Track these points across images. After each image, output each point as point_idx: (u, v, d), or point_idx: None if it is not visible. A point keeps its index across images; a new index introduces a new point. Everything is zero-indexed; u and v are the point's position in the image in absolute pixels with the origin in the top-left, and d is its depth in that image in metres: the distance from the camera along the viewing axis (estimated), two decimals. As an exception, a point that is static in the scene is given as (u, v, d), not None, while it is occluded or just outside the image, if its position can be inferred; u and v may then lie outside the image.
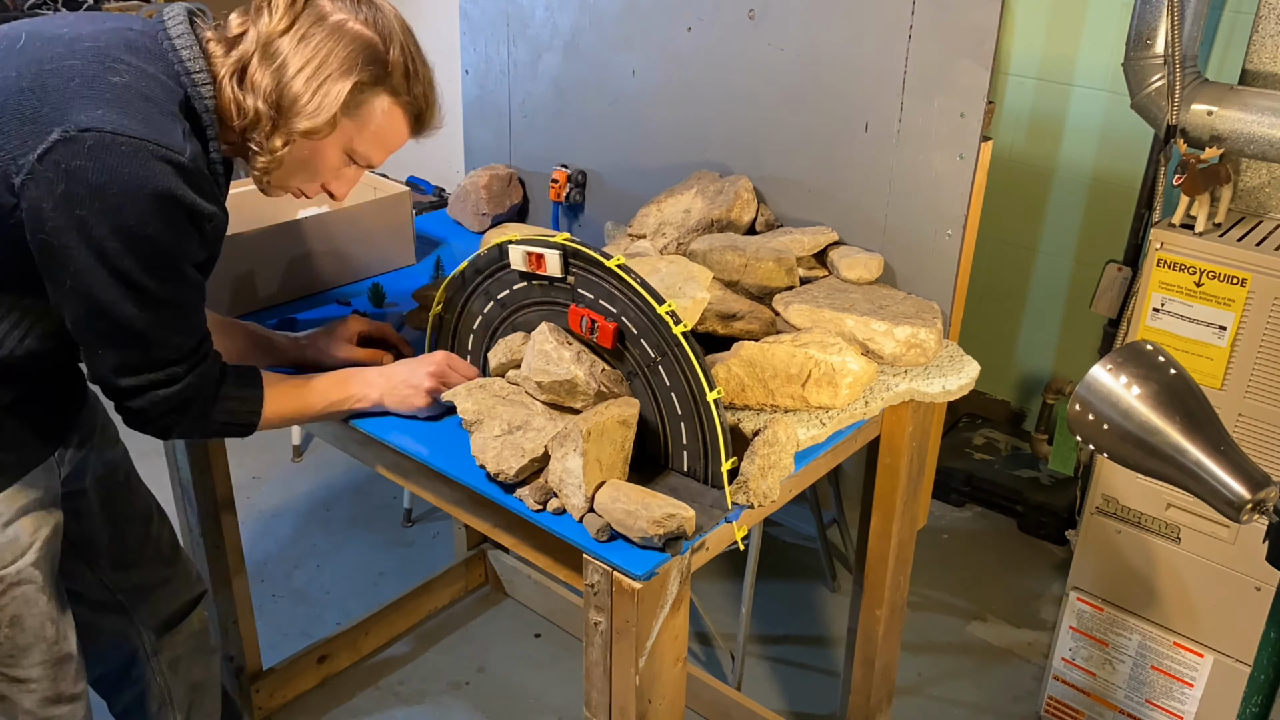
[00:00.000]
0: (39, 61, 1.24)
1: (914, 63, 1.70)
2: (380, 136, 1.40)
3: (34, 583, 1.45)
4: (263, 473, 3.29)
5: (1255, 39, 2.04)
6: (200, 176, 1.27)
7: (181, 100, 1.30)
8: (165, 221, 1.24)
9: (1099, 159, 2.97)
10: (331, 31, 1.32)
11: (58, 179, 1.18)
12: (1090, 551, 2.23)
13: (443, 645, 2.62)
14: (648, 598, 1.30)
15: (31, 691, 1.50)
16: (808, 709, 2.46)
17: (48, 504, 1.48)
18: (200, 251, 1.33)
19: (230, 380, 1.43)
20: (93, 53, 1.26)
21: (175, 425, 1.39)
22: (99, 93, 1.22)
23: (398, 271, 2.08)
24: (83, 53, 1.26)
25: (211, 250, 1.37)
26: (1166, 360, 1.17)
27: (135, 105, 1.23)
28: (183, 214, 1.25)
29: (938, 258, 1.76)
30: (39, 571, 1.46)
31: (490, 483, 1.42)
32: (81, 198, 1.19)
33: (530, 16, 2.19)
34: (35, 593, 1.46)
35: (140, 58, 1.29)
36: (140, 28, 1.33)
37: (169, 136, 1.24)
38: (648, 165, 2.10)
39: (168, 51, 1.31)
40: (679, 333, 1.35)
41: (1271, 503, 1.09)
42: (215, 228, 1.34)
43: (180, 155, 1.23)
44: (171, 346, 1.33)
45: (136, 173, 1.20)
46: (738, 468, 1.38)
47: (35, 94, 1.21)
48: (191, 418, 1.40)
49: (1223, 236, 1.96)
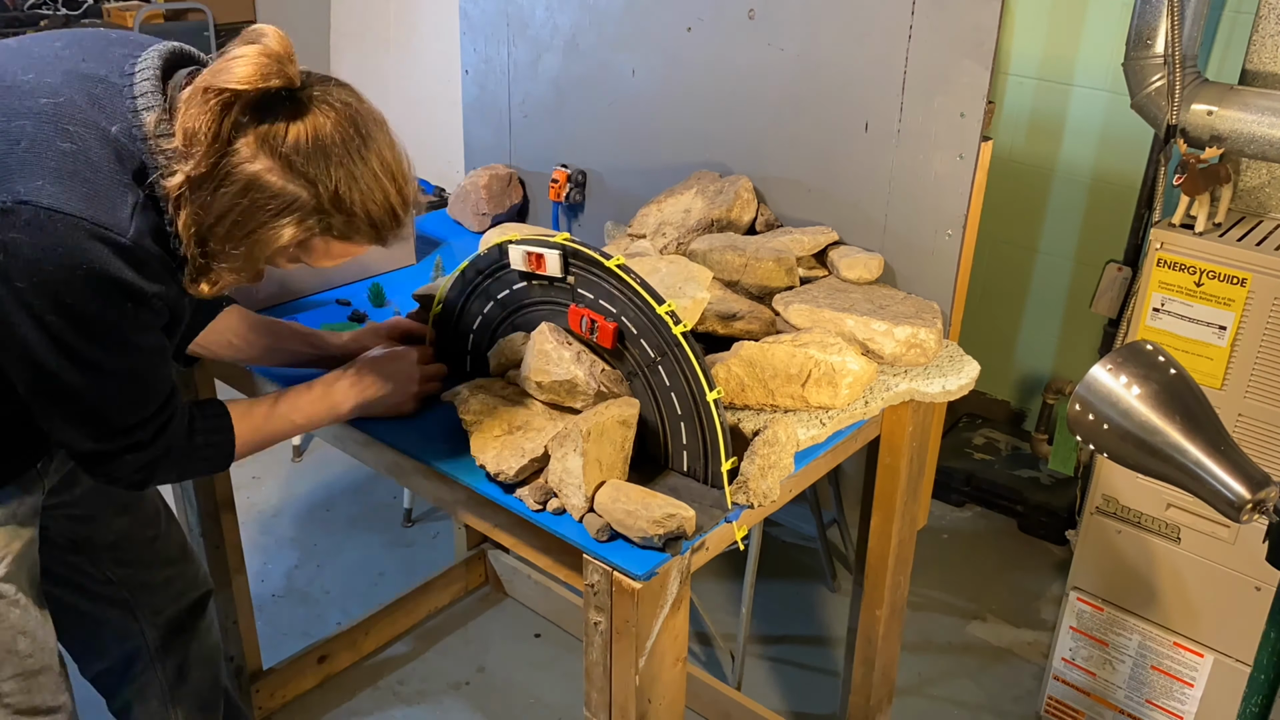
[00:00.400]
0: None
1: (914, 63, 1.70)
2: (329, 256, 1.29)
3: (5, 597, 1.44)
4: (263, 473, 3.30)
5: (1255, 39, 2.04)
6: (144, 254, 1.19)
7: (137, 169, 1.20)
8: (104, 300, 1.18)
9: (1099, 159, 2.97)
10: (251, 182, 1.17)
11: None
12: (1090, 551, 2.23)
13: (443, 645, 2.62)
14: (648, 598, 1.30)
15: (5, 705, 1.48)
16: (808, 709, 2.46)
17: (21, 519, 1.45)
18: (152, 320, 1.27)
19: (199, 428, 1.39)
20: (48, 111, 1.18)
21: (148, 481, 1.37)
22: (44, 161, 1.16)
23: (398, 271, 2.08)
24: (38, 112, 1.18)
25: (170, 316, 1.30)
26: (1166, 360, 1.17)
27: (80, 177, 1.16)
28: (122, 292, 1.19)
29: (938, 258, 1.76)
30: (10, 585, 1.44)
31: (490, 483, 1.42)
32: (18, 270, 1.14)
33: (530, 16, 2.19)
34: (6, 607, 1.44)
35: (101, 116, 1.20)
36: (114, 78, 1.24)
37: (111, 214, 1.17)
38: (648, 165, 2.10)
39: (128, 112, 1.21)
40: (679, 333, 1.35)
41: (1271, 503, 1.09)
42: (169, 300, 1.26)
43: (120, 236, 1.17)
44: (130, 414, 1.29)
45: (70, 251, 1.14)
46: (738, 468, 1.38)
47: None
48: (164, 472, 1.37)
49: (1223, 236, 1.96)
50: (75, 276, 1.15)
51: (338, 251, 1.29)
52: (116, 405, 1.28)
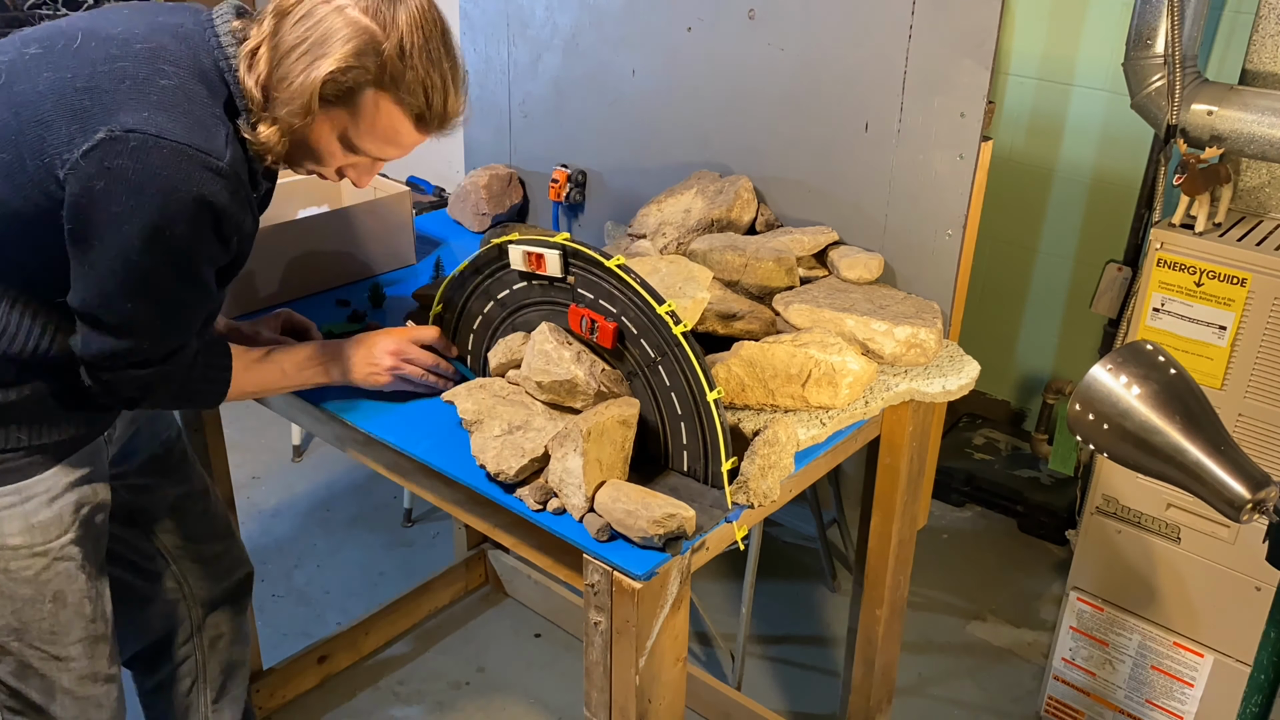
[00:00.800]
0: (93, 62, 1.28)
1: (914, 63, 1.70)
2: (376, 130, 1.35)
3: (74, 559, 1.50)
4: (263, 473, 3.30)
5: (1255, 39, 2.04)
6: (237, 183, 1.30)
7: (226, 99, 1.32)
8: (193, 226, 1.27)
9: (1099, 159, 2.97)
10: (327, 15, 1.29)
11: (98, 175, 1.22)
12: (1090, 551, 2.23)
13: (443, 645, 2.62)
14: (648, 598, 1.30)
15: (70, 670, 1.55)
16: (808, 709, 2.46)
17: (94, 481, 1.52)
18: (223, 255, 1.35)
19: (202, 362, 1.44)
20: (145, 54, 1.29)
21: (142, 400, 1.41)
22: (147, 95, 1.25)
23: (398, 271, 2.08)
24: (134, 54, 1.28)
25: (236, 255, 1.39)
26: (1166, 360, 1.17)
27: (181, 108, 1.26)
28: (211, 219, 1.28)
29: (938, 258, 1.76)
30: (79, 549, 1.51)
31: (490, 483, 1.42)
32: (117, 194, 1.22)
33: (530, 16, 2.19)
34: (76, 569, 1.51)
35: (190, 56, 1.31)
36: (191, 24, 1.35)
37: (210, 141, 1.27)
38: (648, 165, 2.10)
39: (214, 49, 1.33)
40: (679, 333, 1.35)
41: (1271, 503, 1.09)
42: (243, 235, 1.37)
43: (219, 160, 1.27)
44: (157, 343, 1.35)
45: (173, 176, 1.23)
46: (738, 468, 1.38)
47: (88, 94, 1.25)
48: (160, 394, 1.42)
49: (1223, 236, 1.96)
50: (174, 199, 1.24)
51: (385, 120, 1.34)
52: (151, 327, 1.34)
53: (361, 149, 1.38)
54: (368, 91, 1.32)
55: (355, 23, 1.29)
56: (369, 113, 1.34)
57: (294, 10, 1.29)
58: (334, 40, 1.28)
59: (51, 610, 1.50)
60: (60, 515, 1.47)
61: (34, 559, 1.46)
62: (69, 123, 1.24)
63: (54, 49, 1.30)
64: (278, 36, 1.30)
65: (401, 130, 1.37)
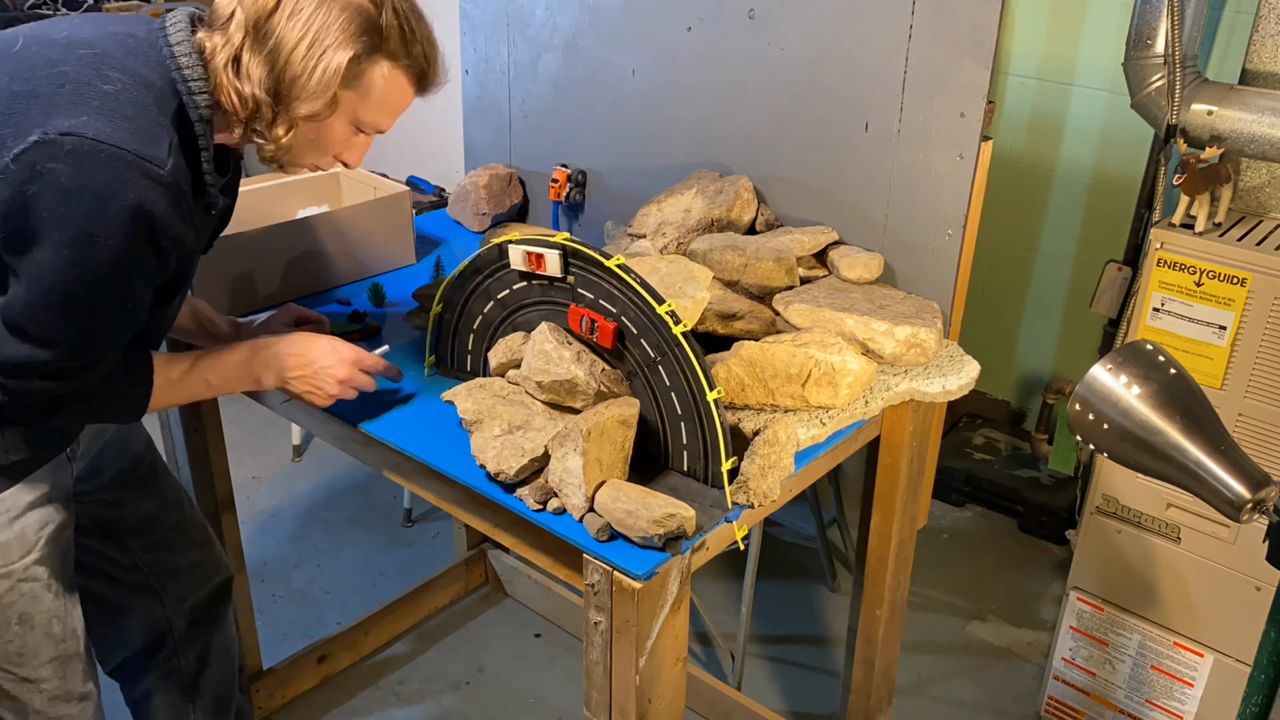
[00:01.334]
0: (33, 66, 1.24)
1: (914, 63, 1.70)
2: (385, 103, 1.36)
3: (39, 580, 1.47)
4: (263, 473, 3.30)
5: (1255, 39, 2.04)
6: (178, 194, 1.25)
7: (175, 110, 1.28)
8: (127, 235, 1.22)
9: (1099, 159, 2.97)
10: (319, 5, 1.27)
11: (30, 179, 1.17)
12: (1090, 551, 2.23)
13: (443, 645, 2.62)
14: (648, 598, 1.30)
15: (42, 691, 1.52)
16: (808, 709, 2.46)
17: (56, 500, 1.48)
18: (159, 271, 1.30)
19: (119, 376, 1.39)
20: (88, 59, 1.24)
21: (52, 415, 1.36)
22: (87, 99, 1.21)
23: (398, 271, 2.08)
24: (77, 59, 1.24)
25: (176, 272, 1.34)
26: (1166, 360, 1.17)
27: (123, 114, 1.22)
28: (147, 229, 1.23)
29: (938, 258, 1.76)
30: (44, 569, 1.47)
31: (490, 483, 1.42)
32: (48, 200, 1.18)
33: (530, 16, 2.19)
34: (41, 590, 1.47)
35: (138, 64, 1.27)
36: (142, 33, 1.31)
37: (152, 148, 1.22)
38: (648, 165, 2.10)
39: (166, 58, 1.29)
40: (679, 332, 1.35)
41: (1271, 502, 1.09)
42: (183, 251, 1.31)
43: (159, 169, 1.22)
44: (74, 356, 1.30)
45: (110, 182, 1.19)
46: (738, 467, 1.38)
47: (23, 98, 1.21)
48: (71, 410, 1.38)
49: (1223, 236, 1.96)
50: (109, 207, 1.19)
51: (392, 89, 1.35)
52: (71, 340, 1.27)
53: (367, 125, 1.38)
54: (376, 64, 1.32)
55: (348, 4, 1.28)
56: (378, 85, 1.34)
57: (278, 10, 1.27)
58: (334, 27, 1.27)
59: (19, 633, 1.46)
60: (22, 535, 1.43)
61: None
62: (2, 126, 1.19)
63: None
64: (270, 40, 1.27)
65: (405, 94, 1.38)
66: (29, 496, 1.43)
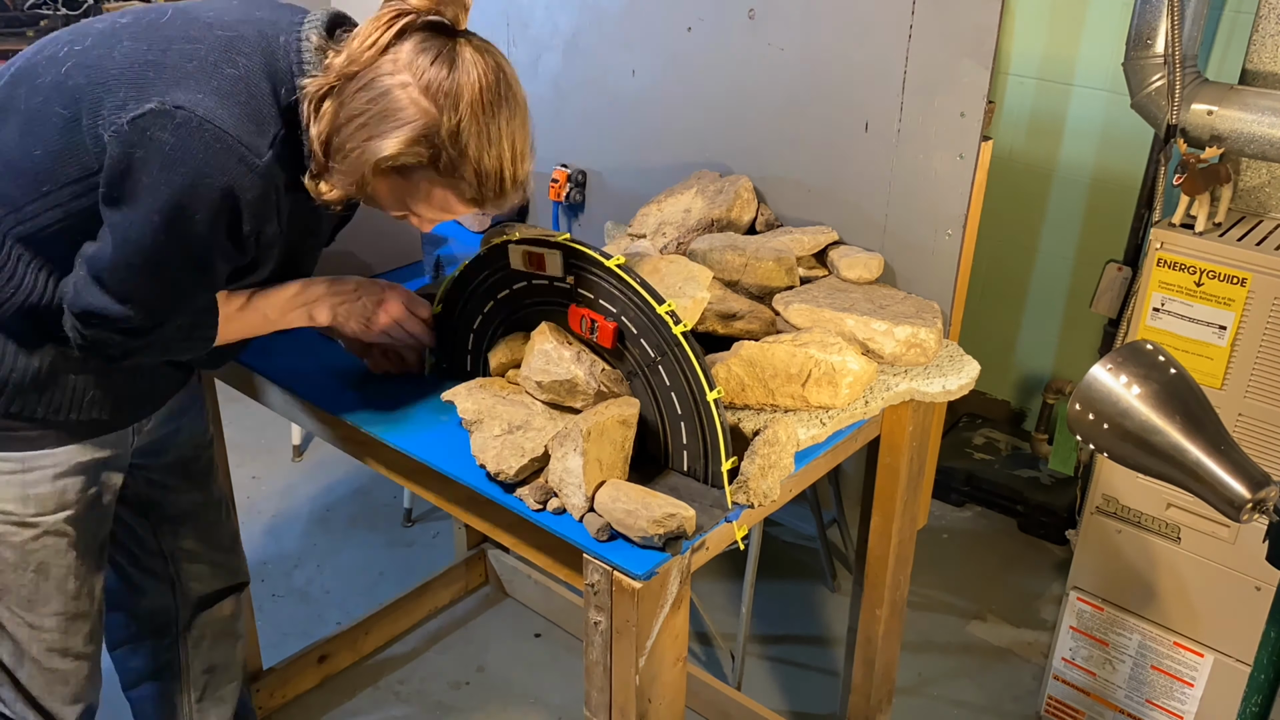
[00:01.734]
0: (170, 39, 1.30)
1: (914, 63, 1.70)
2: (430, 204, 1.35)
3: (67, 536, 1.51)
4: (263, 473, 3.30)
5: (1255, 39, 2.04)
6: (269, 186, 1.30)
7: (288, 106, 1.31)
8: (213, 216, 1.27)
9: (1099, 159, 2.97)
10: (390, 89, 1.26)
11: (139, 143, 1.23)
12: (1090, 551, 2.23)
13: (443, 645, 2.62)
14: (648, 597, 1.30)
15: (41, 640, 1.56)
16: (808, 709, 2.46)
17: (109, 468, 1.54)
18: (238, 255, 1.36)
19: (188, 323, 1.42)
20: (222, 41, 1.30)
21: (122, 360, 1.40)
22: (209, 79, 1.26)
23: (398, 271, 2.08)
24: (213, 40, 1.30)
25: (254, 259, 1.39)
26: (1166, 360, 1.17)
27: (238, 99, 1.27)
28: (231, 212, 1.28)
29: (938, 257, 1.76)
30: (75, 529, 1.52)
31: (490, 482, 1.42)
32: (151, 166, 1.23)
33: (530, 16, 2.19)
34: (67, 547, 1.52)
35: (268, 53, 1.31)
36: (284, 24, 1.35)
37: (255, 138, 1.27)
38: (648, 165, 2.10)
39: (293, 54, 1.32)
40: (679, 332, 1.35)
41: (1271, 502, 1.09)
42: (264, 240, 1.36)
43: (257, 158, 1.27)
44: (149, 315, 1.35)
45: (208, 161, 1.24)
46: (738, 467, 1.38)
47: (154, 67, 1.27)
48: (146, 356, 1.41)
49: (1223, 236, 1.96)
50: (202, 184, 1.24)
51: (439, 199, 1.34)
52: (149, 301, 1.33)
53: (415, 212, 1.38)
54: (421, 175, 1.31)
55: (415, 104, 1.26)
56: (423, 190, 1.33)
57: (359, 76, 1.27)
58: (391, 120, 1.26)
59: (33, 579, 1.51)
60: (62, 492, 1.48)
61: (20, 528, 1.47)
62: (128, 89, 1.26)
63: (141, 21, 1.33)
64: (341, 97, 1.28)
65: (453, 207, 1.37)
66: (82, 458, 1.49)
